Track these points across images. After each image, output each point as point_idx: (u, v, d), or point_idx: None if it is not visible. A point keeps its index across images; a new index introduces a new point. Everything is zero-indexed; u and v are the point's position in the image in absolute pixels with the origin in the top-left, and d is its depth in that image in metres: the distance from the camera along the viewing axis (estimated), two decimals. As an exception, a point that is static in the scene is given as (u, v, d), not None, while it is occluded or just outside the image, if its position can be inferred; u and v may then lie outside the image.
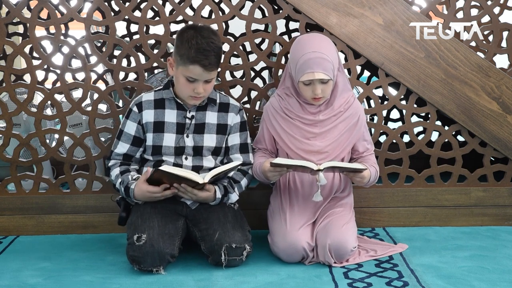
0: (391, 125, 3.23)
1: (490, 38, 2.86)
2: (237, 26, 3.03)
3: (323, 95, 2.07)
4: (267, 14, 2.34)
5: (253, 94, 2.49)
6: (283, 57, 2.39)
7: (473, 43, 2.41)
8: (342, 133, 2.13)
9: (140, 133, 2.10)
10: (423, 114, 2.94)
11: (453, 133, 2.53)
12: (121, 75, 2.99)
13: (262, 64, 2.61)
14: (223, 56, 2.38)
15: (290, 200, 2.14)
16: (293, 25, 3.29)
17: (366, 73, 3.25)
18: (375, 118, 2.43)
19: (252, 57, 2.38)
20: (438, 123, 2.67)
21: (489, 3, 2.42)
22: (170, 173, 1.91)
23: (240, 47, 2.35)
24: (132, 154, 2.12)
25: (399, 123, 3.26)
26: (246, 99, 3.23)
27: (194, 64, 1.96)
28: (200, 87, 2.00)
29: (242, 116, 2.17)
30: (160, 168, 1.92)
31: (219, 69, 2.12)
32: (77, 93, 2.62)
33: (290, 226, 2.05)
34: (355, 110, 2.15)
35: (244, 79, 2.39)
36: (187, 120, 2.09)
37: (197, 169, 2.09)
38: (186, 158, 2.09)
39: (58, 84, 2.39)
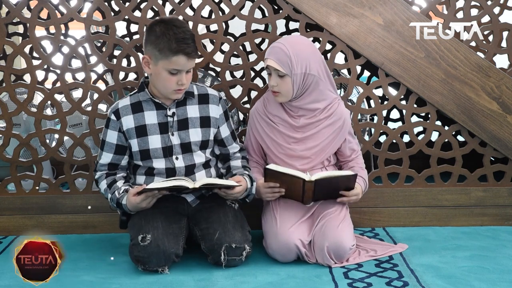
0: (391, 125, 3.23)
1: (490, 38, 2.86)
2: (237, 26, 3.03)
3: (279, 90, 2.08)
4: (267, 14, 2.34)
5: (253, 94, 2.49)
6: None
7: (473, 43, 2.41)
8: (325, 138, 2.14)
9: (123, 141, 2.07)
10: (423, 114, 2.94)
11: (453, 133, 2.53)
12: (121, 75, 3.00)
13: (262, 64, 2.60)
14: (222, 56, 2.40)
15: (280, 201, 2.14)
16: (293, 25, 3.29)
17: (366, 73, 3.25)
18: (375, 118, 2.43)
19: (252, 57, 2.38)
20: (438, 123, 2.67)
21: (489, 3, 2.42)
22: (159, 187, 1.93)
23: (240, 47, 2.35)
24: (117, 163, 2.09)
25: (399, 123, 3.26)
26: (246, 99, 3.23)
27: (178, 54, 1.94)
28: (183, 77, 1.98)
29: (223, 105, 2.15)
30: (148, 187, 1.93)
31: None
32: (77, 93, 2.62)
33: (281, 225, 2.05)
34: (339, 116, 2.14)
35: (244, 79, 2.39)
36: (169, 118, 2.06)
37: (191, 168, 2.08)
38: (176, 158, 2.07)
39: (58, 84, 2.39)
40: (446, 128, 2.44)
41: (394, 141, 2.43)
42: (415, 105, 2.41)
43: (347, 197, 2.09)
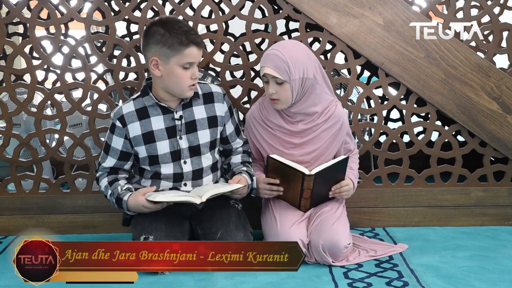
0: (391, 125, 3.23)
1: (490, 38, 2.86)
2: (237, 26, 3.03)
3: (278, 97, 2.04)
4: (267, 14, 2.34)
5: (253, 94, 2.49)
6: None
7: (473, 43, 2.41)
8: (324, 142, 2.12)
9: (128, 148, 2.05)
10: (423, 114, 2.94)
11: (453, 133, 2.53)
12: (121, 75, 3.00)
13: (262, 64, 2.62)
14: (222, 56, 2.40)
15: (279, 200, 2.14)
16: (293, 25, 3.29)
17: (366, 73, 3.25)
18: (375, 118, 2.43)
19: (252, 57, 2.38)
20: (438, 123, 2.67)
21: (489, 3, 2.42)
22: (168, 201, 1.93)
23: (240, 47, 2.35)
24: (119, 167, 2.08)
25: (399, 123, 3.26)
26: (246, 99, 3.23)
27: (189, 46, 1.93)
28: (196, 70, 1.98)
29: (227, 101, 2.13)
30: (157, 200, 1.91)
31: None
32: (77, 93, 2.62)
33: (281, 225, 2.05)
34: (337, 118, 2.12)
35: (244, 79, 2.39)
36: (176, 121, 2.03)
37: (199, 172, 2.07)
38: (185, 162, 2.05)
39: (58, 84, 2.39)
40: (446, 128, 2.44)
41: (394, 141, 2.43)
42: (415, 105, 2.41)
43: (339, 188, 2.10)
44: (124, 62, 3.43)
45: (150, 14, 3.41)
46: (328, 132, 2.12)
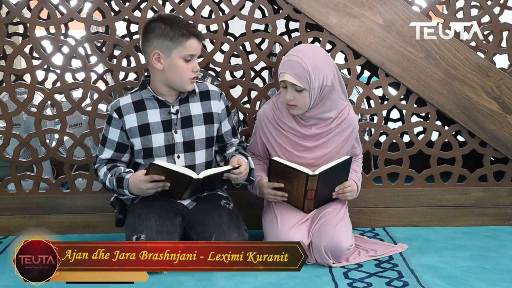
0: (391, 125, 3.23)
1: (490, 38, 2.86)
2: (237, 26, 3.04)
3: (296, 103, 2.03)
4: (267, 14, 2.34)
5: (253, 94, 2.49)
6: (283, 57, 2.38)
7: (473, 43, 2.41)
8: (335, 146, 2.12)
9: (124, 139, 2.06)
10: (423, 114, 2.94)
11: (453, 133, 2.53)
12: (121, 75, 3.00)
13: (262, 64, 2.62)
14: (222, 56, 2.40)
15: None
16: (293, 25, 3.29)
17: (366, 73, 3.25)
18: (375, 118, 2.43)
19: (252, 57, 2.38)
20: (438, 123, 2.67)
21: (489, 3, 2.42)
22: (165, 168, 1.91)
23: (240, 47, 2.35)
24: (117, 159, 2.09)
25: (399, 123, 3.26)
26: (246, 99, 3.23)
27: (191, 38, 1.97)
28: (196, 63, 2.01)
29: (224, 100, 2.15)
30: (155, 162, 1.90)
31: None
32: (77, 93, 2.62)
33: (282, 226, 2.04)
34: (349, 123, 2.12)
35: (244, 79, 2.39)
36: (172, 115, 2.05)
37: (192, 169, 2.05)
38: (178, 157, 2.06)
39: (58, 84, 2.39)
40: (446, 128, 2.44)
41: (394, 141, 2.44)
42: (415, 105, 2.41)
43: (343, 188, 2.10)
44: (124, 62, 3.43)
45: (150, 14, 3.41)
46: (340, 137, 2.12)
